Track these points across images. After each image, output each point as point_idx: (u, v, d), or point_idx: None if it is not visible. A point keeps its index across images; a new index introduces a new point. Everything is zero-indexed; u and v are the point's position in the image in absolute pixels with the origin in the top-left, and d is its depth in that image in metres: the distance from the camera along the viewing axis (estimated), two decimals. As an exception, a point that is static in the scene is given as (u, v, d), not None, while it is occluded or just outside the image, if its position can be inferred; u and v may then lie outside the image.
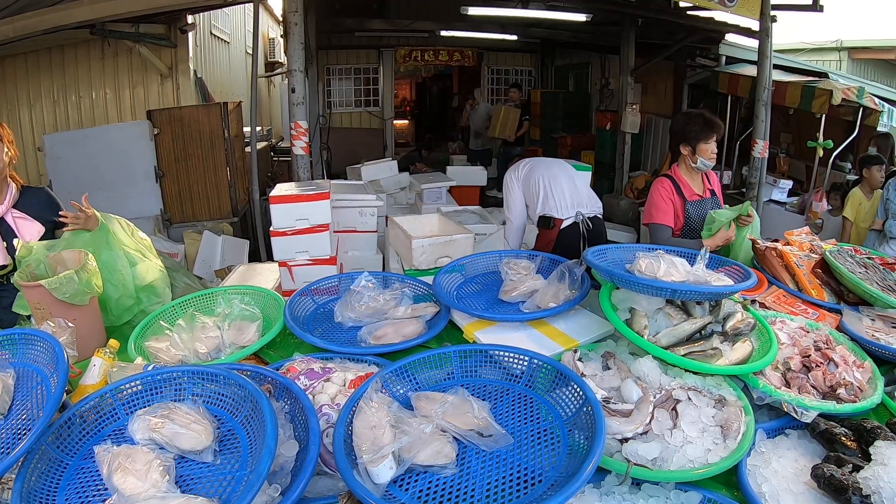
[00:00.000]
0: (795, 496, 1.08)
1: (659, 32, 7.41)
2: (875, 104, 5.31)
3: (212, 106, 5.69)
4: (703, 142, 2.49)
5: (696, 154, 2.51)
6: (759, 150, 5.33)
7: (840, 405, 1.28)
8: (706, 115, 2.53)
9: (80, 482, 1.01)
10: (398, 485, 1.01)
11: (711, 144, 2.50)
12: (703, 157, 2.50)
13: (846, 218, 4.17)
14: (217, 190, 5.64)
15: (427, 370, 1.34)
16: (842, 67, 10.25)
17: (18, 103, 5.39)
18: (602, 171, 8.10)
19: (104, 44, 5.52)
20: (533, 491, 0.98)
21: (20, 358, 1.24)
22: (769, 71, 5.20)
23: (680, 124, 2.59)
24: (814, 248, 2.12)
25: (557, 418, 1.16)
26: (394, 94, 10.84)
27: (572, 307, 1.72)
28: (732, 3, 4.84)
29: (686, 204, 2.54)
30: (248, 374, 1.22)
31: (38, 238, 2.06)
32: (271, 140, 8.48)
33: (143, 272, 1.97)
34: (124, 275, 1.91)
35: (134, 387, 1.17)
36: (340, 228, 3.86)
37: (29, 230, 2.09)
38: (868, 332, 1.63)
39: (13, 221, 2.08)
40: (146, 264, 2.00)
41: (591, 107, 10.16)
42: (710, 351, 1.36)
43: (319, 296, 1.96)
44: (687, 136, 2.53)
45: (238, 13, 9.18)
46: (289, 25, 4.38)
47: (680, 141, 2.55)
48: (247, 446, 1.04)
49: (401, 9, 9.02)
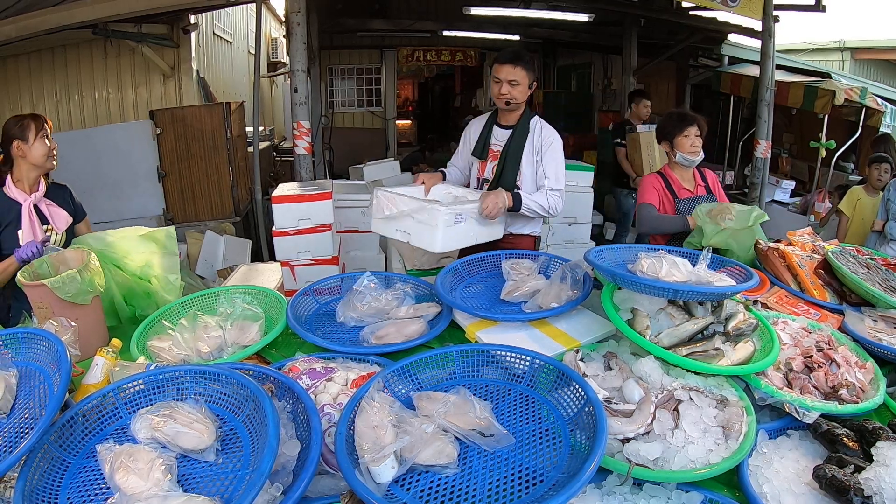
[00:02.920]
0: (797, 497, 1.07)
1: (661, 33, 7.40)
2: (878, 105, 5.30)
3: (214, 106, 5.70)
4: (678, 136, 2.59)
5: (674, 149, 2.61)
6: (762, 150, 5.33)
7: (842, 406, 1.28)
8: (679, 111, 2.68)
9: (82, 481, 1.02)
10: (400, 484, 1.01)
11: (690, 138, 2.58)
12: (681, 152, 2.57)
13: (842, 212, 4.13)
14: (219, 190, 5.65)
15: (429, 370, 1.35)
16: (844, 68, 10.23)
17: (21, 103, 5.39)
18: (604, 171, 8.07)
19: (107, 44, 5.54)
20: (534, 491, 0.98)
21: (23, 357, 1.25)
22: (772, 71, 5.19)
23: (659, 126, 2.74)
24: (816, 249, 2.12)
25: (559, 418, 1.16)
26: (396, 94, 10.85)
27: (574, 307, 1.72)
28: (735, 3, 4.83)
29: (677, 201, 2.56)
30: (250, 373, 1.23)
31: (67, 227, 2.31)
32: (273, 140, 8.50)
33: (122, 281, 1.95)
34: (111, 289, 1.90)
35: (136, 386, 1.17)
36: (342, 228, 3.87)
37: (60, 217, 2.30)
38: (870, 333, 1.63)
39: (46, 209, 2.27)
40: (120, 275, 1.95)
41: (594, 107, 10.15)
42: (712, 351, 1.36)
43: (321, 296, 1.96)
44: (664, 134, 2.66)
45: (240, 13, 9.20)
46: (291, 25, 4.39)
47: (660, 141, 2.69)
48: (249, 445, 1.05)
49: (402, 9, 9.03)
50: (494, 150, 2.60)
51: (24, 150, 2.16)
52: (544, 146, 2.50)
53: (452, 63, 11.03)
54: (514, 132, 2.53)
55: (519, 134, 2.52)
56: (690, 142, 2.55)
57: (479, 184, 2.66)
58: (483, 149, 2.61)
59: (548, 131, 2.53)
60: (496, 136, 2.61)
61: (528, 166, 2.52)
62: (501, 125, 2.60)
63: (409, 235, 2.17)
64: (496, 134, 2.61)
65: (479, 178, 2.67)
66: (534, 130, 2.53)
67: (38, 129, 2.16)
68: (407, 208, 2.15)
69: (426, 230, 2.12)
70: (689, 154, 2.56)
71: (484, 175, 2.64)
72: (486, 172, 2.62)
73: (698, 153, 2.57)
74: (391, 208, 2.18)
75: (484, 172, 2.64)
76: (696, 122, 2.58)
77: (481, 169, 2.65)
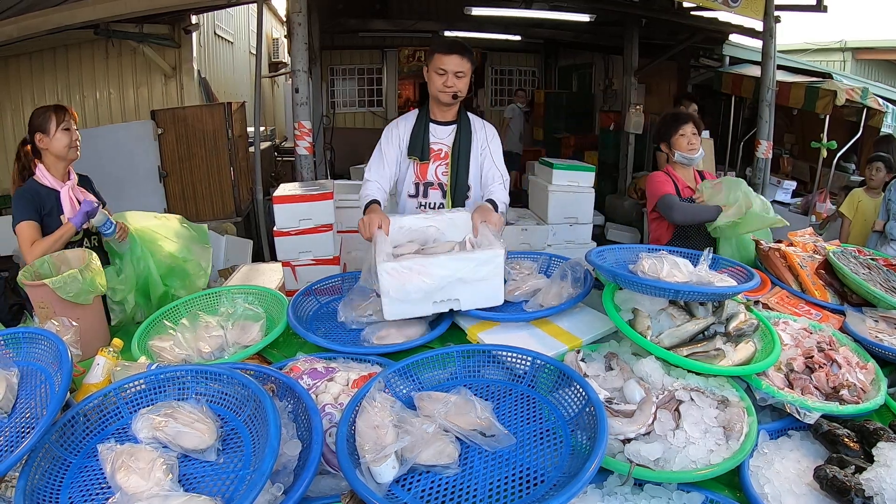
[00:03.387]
0: (798, 497, 1.07)
1: (662, 33, 7.40)
2: (879, 105, 5.30)
3: (215, 106, 5.70)
4: (674, 135, 2.60)
5: (672, 149, 2.61)
6: (763, 150, 5.32)
7: (843, 406, 1.28)
8: (673, 111, 2.69)
9: (83, 480, 1.02)
10: (401, 484, 1.01)
11: (686, 136, 2.58)
12: (679, 150, 2.57)
13: (843, 214, 4.13)
14: (220, 190, 5.65)
15: (430, 370, 1.35)
16: (846, 68, 10.22)
17: (23, 103, 5.40)
18: (605, 171, 8.09)
19: (108, 44, 5.54)
20: (535, 491, 0.98)
21: (24, 357, 1.25)
22: (773, 71, 5.19)
23: (655, 129, 2.76)
24: (817, 249, 2.12)
25: (560, 418, 1.16)
26: (397, 95, 10.85)
27: (575, 304, 1.72)
28: (736, 4, 4.83)
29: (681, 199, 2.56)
30: (251, 373, 1.23)
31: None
32: (275, 140, 8.50)
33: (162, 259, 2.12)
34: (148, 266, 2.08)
35: (137, 386, 1.17)
36: (343, 228, 3.87)
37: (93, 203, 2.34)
38: (871, 334, 1.63)
39: (80, 196, 2.29)
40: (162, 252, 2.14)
41: (595, 107, 10.15)
42: (713, 352, 1.36)
43: (322, 296, 1.96)
44: (661, 135, 2.66)
45: (242, 13, 9.20)
46: (292, 26, 4.40)
47: (659, 143, 2.69)
48: (250, 445, 1.05)
49: (404, 9, 9.03)
50: (436, 149, 2.36)
51: (45, 141, 2.19)
52: (489, 140, 2.37)
53: (454, 63, 11.02)
54: (460, 129, 2.35)
55: (464, 131, 2.34)
56: (687, 140, 2.55)
57: (423, 188, 2.40)
58: (422, 150, 2.34)
59: (486, 124, 2.41)
60: (435, 135, 2.36)
61: (473, 163, 2.37)
62: (439, 122, 2.36)
63: (460, 301, 1.65)
64: (435, 132, 2.36)
65: (420, 182, 2.39)
66: (475, 125, 2.38)
67: (60, 121, 2.19)
68: (449, 272, 1.58)
69: (483, 285, 1.64)
70: (688, 152, 2.56)
71: (426, 178, 2.38)
72: (431, 175, 2.38)
73: (697, 150, 2.56)
74: (426, 281, 1.57)
75: (426, 175, 2.38)
76: (690, 119, 2.59)
77: (421, 172, 2.38)
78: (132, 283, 2.03)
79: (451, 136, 2.36)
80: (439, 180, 2.39)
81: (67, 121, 2.22)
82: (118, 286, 1.99)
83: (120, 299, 1.98)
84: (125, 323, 1.99)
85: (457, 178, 2.35)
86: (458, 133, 2.34)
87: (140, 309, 2.03)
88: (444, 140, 2.37)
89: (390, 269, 1.55)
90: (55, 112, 2.20)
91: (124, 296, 1.98)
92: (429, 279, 1.56)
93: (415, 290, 1.57)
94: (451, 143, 2.36)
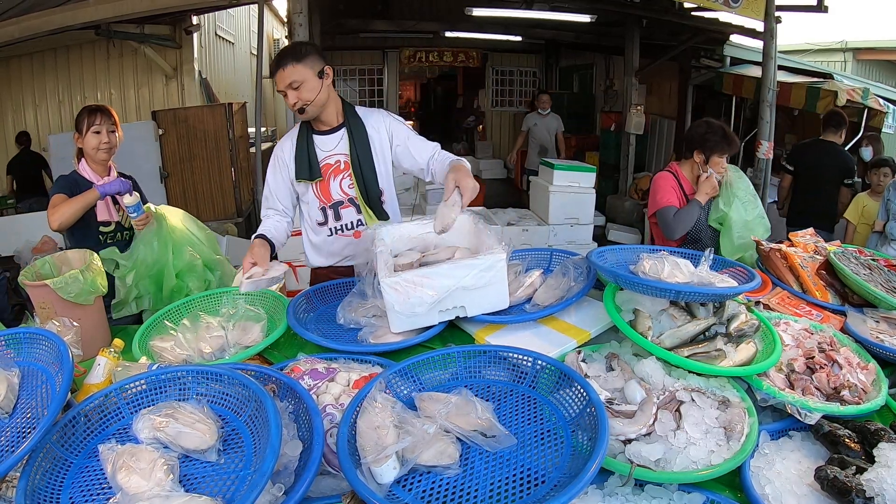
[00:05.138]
0: (798, 498, 1.07)
1: (663, 33, 7.40)
2: (880, 105, 5.30)
3: (216, 107, 5.71)
4: (717, 154, 2.47)
5: (707, 164, 2.49)
6: (764, 151, 5.32)
7: (844, 407, 1.27)
8: (727, 130, 2.49)
9: (84, 481, 1.02)
10: (401, 485, 1.01)
11: (725, 159, 2.49)
12: (713, 168, 2.48)
13: (848, 220, 4.14)
14: (221, 190, 5.66)
15: (431, 371, 1.35)
16: (847, 68, 10.23)
17: (24, 104, 5.42)
18: (606, 172, 8.10)
19: (109, 45, 5.56)
20: (536, 492, 0.98)
21: (25, 357, 1.25)
22: (774, 72, 5.18)
23: (700, 130, 2.54)
24: (818, 250, 2.12)
25: (561, 419, 1.16)
26: (398, 95, 10.87)
27: (580, 299, 1.71)
28: (737, 4, 4.83)
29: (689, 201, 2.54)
30: (252, 373, 1.23)
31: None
32: (276, 140, 8.50)
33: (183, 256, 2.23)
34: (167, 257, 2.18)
35: (138, 386, 1.17)
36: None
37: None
38: (872, 334, 1.62)
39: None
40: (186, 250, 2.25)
41: (596, 108, 10.17)
42: (714, 352, 1.35)
43: (323, 296, 1.96)
44: (705, 144, 2.49)
45: (243, 14, 9.22)
46: (293, 26, 4.40)
47: (696, 147, 2.52)
48: (251, 446, 1.05)
49: (405, 10, 9.03)
50: (330, 162, 2.09)
51: (80, 140, 2.34)
52: (392, 131, 2.13)
53: (454, 64, 11.05)
54: (351, 133, 2.08)
55: (357, 132, 2.08)
56: (723, 163, 2.49)
57: (331, 211, 2.14)
58: (311, 168, 2.06)
59: (379, 116, 2.15)
60: (322, 147, 2.09)
61: (380, 165, 2.12)
62: (322, 131, 2.09)
63: (465, 308, 1.62)
64: (320, 144, 2.09)
65: (326, 205, 2.13)
66: (367, 120, 2.11)
67: (91, 123, 2.30)
68: (452, 281, 1.55)
69: (488, 290, 1.61)
70: (718, 175, 2.49)
71: (333, 198, 2.12)
72: (336, 193, 2.11)
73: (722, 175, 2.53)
74: (430, 293, 1.53)
75: (331, 195, 2.12)
76: (736, 149, 2.51)
77: (323, 193, 2.11)
78: (143, 266, 2.12)
79: (342, 143, 2.09)
80: (348, 195, 2.12)
81: (99, 124, 2.31)
82: (122, 261, 2.11)
83: (122, 276, 2.06)
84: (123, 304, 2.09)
85: (366, 187, 2.09)
86: (351, 136, 2.08)
87: (148, 297, 2.15)
88: (335, 150, 2.09)
89: (393, 284, 1.52)
90: (89, 114, 2.33)
91: (125, 273, 2.07)
92: (432, 290, 1.53)
93: (419, 303, 1.53)
94: (346, 151, 2.09)
